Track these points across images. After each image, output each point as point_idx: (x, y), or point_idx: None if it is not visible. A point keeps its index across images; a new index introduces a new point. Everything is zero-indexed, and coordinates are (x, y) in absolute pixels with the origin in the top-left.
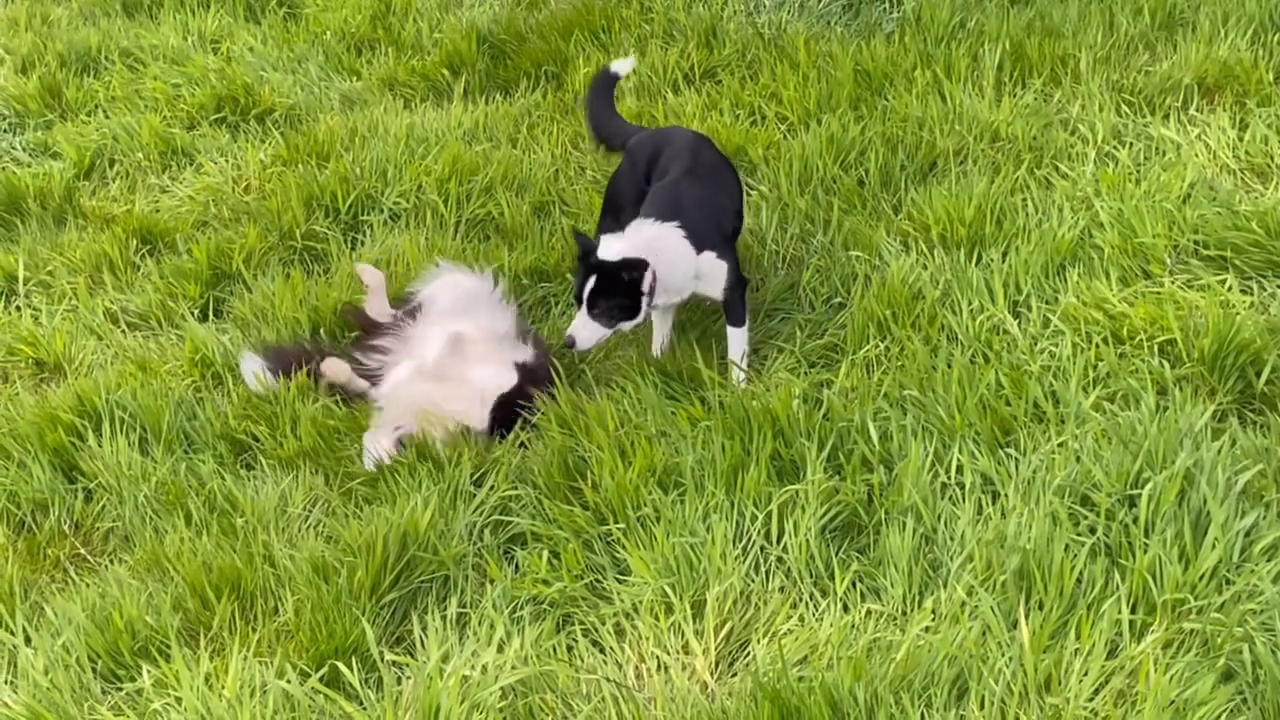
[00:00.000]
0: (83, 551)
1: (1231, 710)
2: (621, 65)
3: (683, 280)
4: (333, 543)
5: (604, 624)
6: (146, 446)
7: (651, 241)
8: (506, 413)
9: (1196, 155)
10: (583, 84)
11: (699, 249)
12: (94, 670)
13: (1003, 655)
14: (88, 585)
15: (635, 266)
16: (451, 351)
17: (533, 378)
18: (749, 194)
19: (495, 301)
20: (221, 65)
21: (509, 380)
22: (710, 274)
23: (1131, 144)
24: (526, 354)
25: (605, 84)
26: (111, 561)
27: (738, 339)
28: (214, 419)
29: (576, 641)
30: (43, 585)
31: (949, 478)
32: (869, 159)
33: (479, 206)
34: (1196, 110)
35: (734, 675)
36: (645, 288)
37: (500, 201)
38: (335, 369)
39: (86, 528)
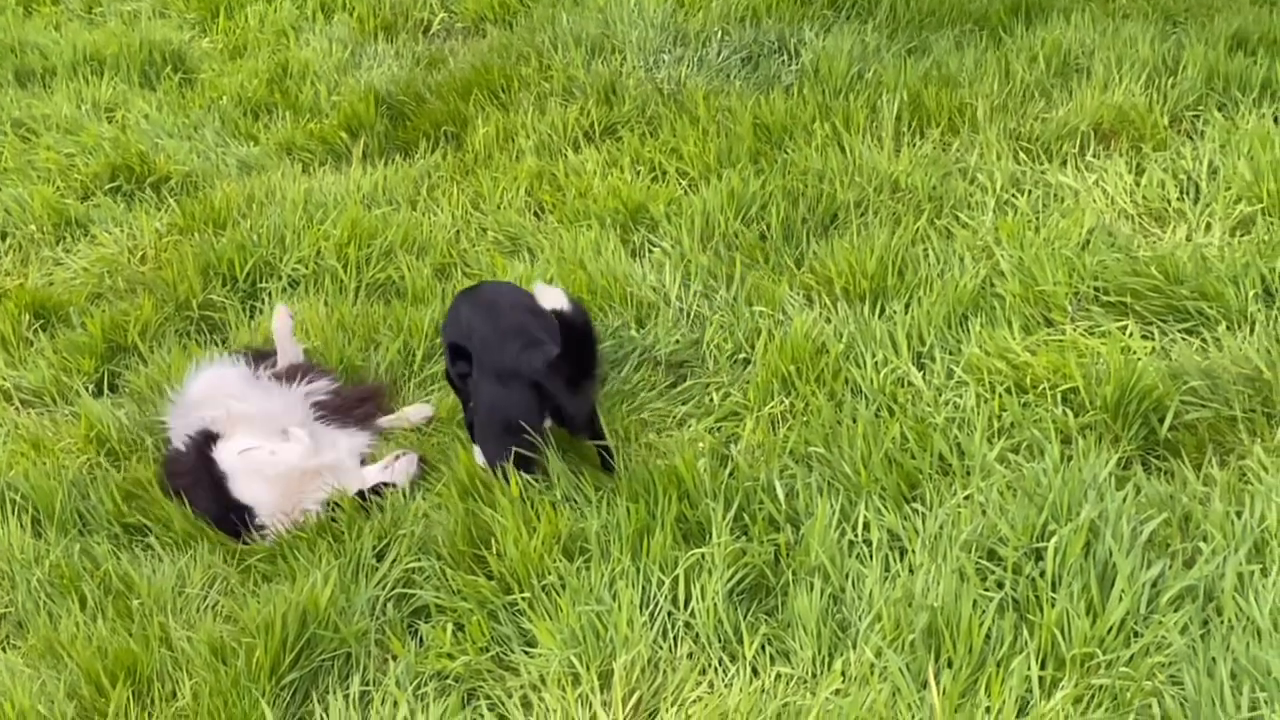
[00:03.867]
0: None
1: None
2: None
3: None
4: (231, 623)
5: (510, 697)
6: (39, 528)
7: None
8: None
9: (1094, 201)
10: (482, 144)
11: None
12: None
13: (913, 717)
14: None
15: None
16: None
17: None
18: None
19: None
20: (116, 133)
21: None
22: None
23: (1030, 191)
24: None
25: None
26: (3, 649)
27: None
28: (107, 498)
29: (483, 716)
30: None
31: (856, 535)
32: (770, 213)
33: (379, 270)
34: (1093, 156)
35: None
36: None
37: (401, 265)
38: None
39: None
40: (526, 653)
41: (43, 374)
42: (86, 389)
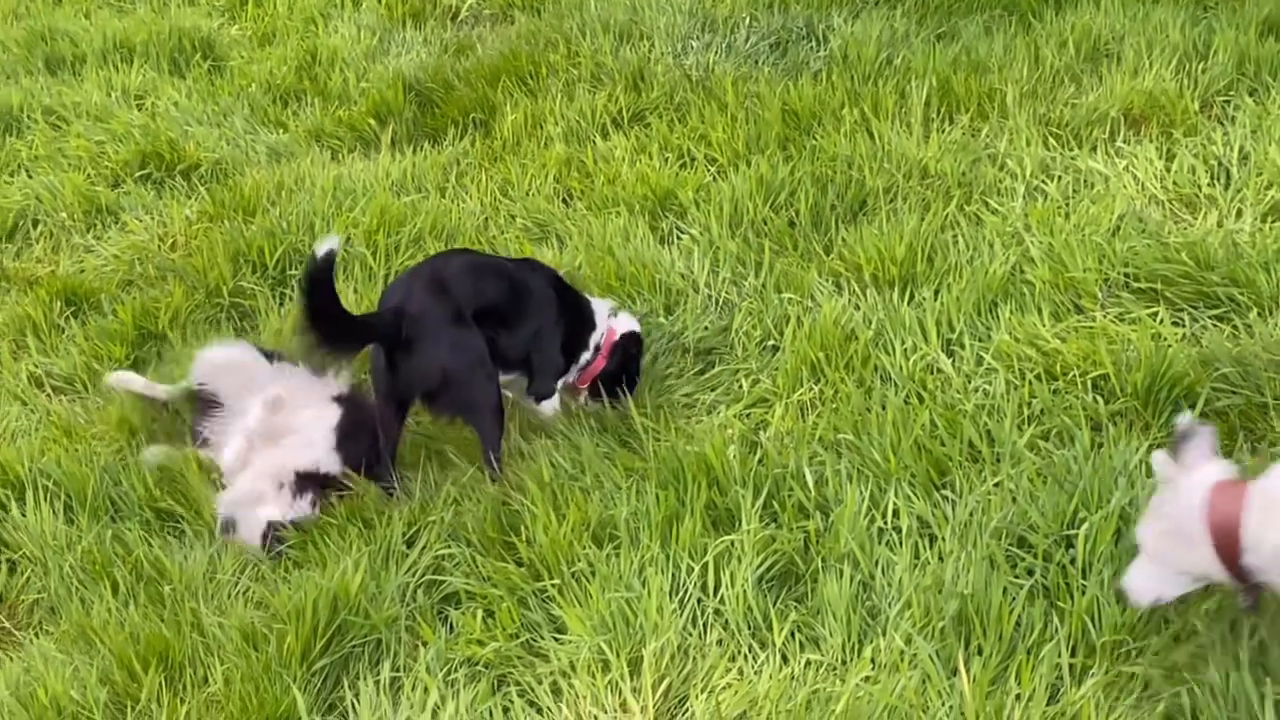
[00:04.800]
0: (7, 625)
1: None
2: None
3: None
4: (263, 609)
5: (540, 683)
6: (71, 514)
7: None
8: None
9: (1125, 187)
10: (510, 131)
11: None
12: None
13: (943, 704)
14: (11, 660)
15: None
16: (271, 412)
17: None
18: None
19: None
20: (146, 121)
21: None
22: None
23: (1060, 177)
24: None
25: None
26: (37, 634)
27: None
28: (139, 484)
29: (513, 703)
30: None
31: (885, 522)
32: (799, 199)
33: (408, 258)
34: (1123, 142)
35: None
36: None
37: (429, 252)
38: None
39: (11, 600)
40: (556, 639)
41: (74, 361)
42: None
